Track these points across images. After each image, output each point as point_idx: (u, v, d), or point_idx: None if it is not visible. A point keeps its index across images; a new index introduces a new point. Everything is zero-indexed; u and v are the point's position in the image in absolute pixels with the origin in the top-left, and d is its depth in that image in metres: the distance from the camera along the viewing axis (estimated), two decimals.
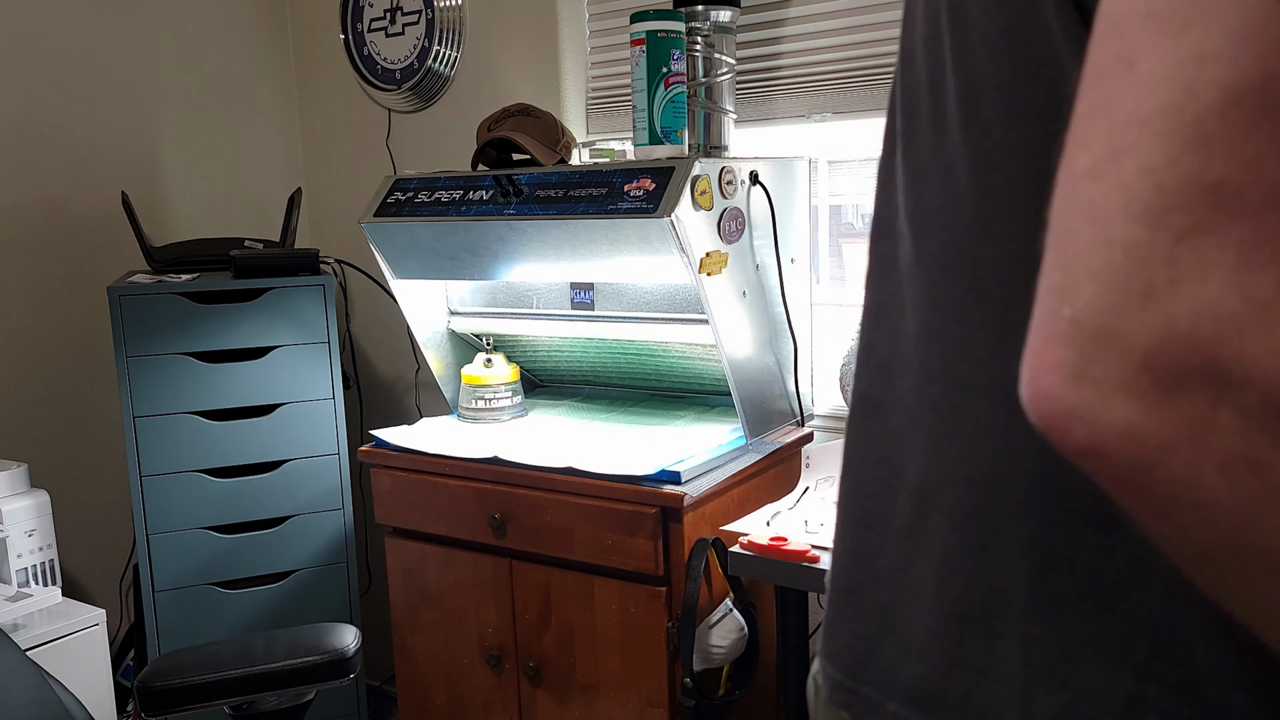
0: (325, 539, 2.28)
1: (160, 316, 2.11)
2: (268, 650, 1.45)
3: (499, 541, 1.84)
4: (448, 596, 1.95)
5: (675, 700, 1.70)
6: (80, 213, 2.41)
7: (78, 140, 2.40)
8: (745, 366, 1.82)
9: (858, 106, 1.94)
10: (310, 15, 2.74)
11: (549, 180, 1.84)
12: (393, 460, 1.97)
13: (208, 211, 2.66)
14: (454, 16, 2.44)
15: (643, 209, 1.66)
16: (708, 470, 1.73)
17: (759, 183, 1.84)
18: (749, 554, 1.53)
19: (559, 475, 1.75)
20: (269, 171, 2.78)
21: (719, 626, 1.69)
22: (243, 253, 2.22)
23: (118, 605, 2.49)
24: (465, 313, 2.23)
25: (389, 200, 2.04)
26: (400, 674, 2.07)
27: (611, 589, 1.73)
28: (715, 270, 1.71)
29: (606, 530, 1.70)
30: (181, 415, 2.14)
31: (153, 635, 2.17)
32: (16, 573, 2.04)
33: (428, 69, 2.49)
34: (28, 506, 2.05)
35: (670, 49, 1.77)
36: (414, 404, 2.70)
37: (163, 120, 2.56)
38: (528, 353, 2.31)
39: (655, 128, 1.79)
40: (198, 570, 2.18)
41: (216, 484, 2.18)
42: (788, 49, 2.01)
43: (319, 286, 2.23)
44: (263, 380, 2.20)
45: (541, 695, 1.86)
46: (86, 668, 2.03)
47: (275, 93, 2.79)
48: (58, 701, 1.37)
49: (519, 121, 1.98)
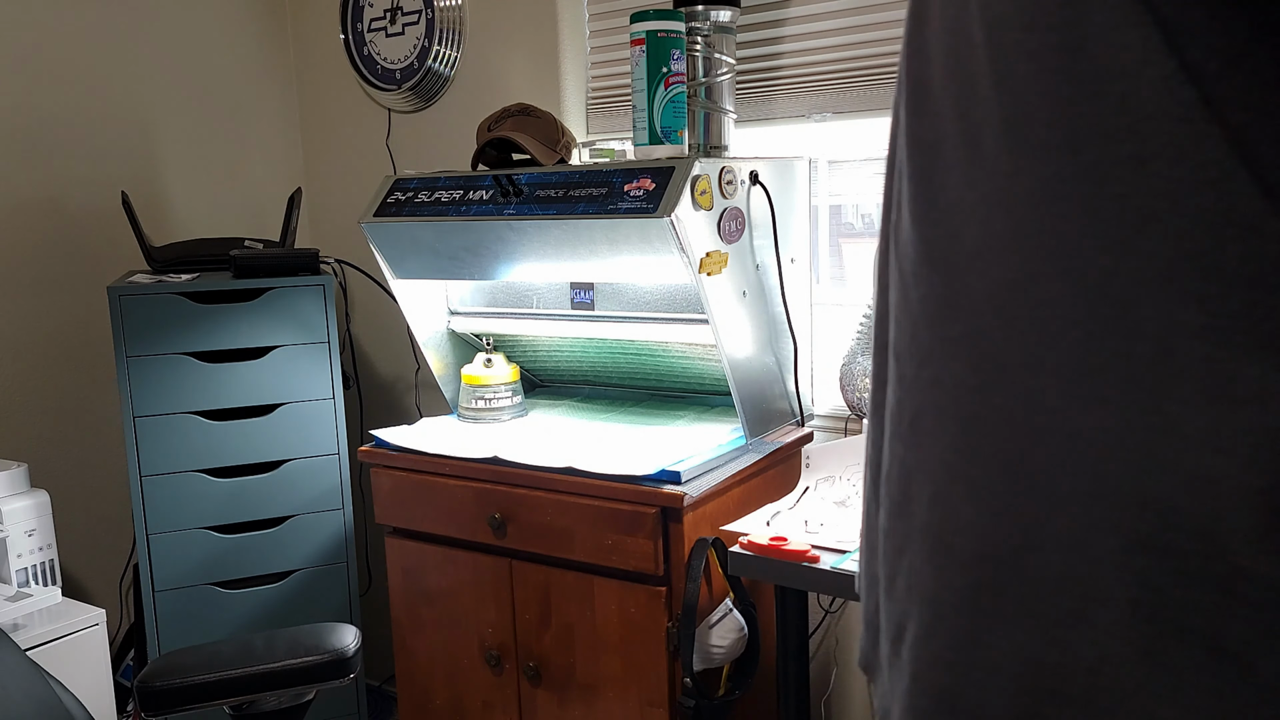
0: (325, 539, 2.28)
1: (160, 316, 2.11)
2: (268, 650, 1.45)
3: (499, 541, 1.84)
4: (448, 596, 1.95)
5: (675, 700, 1.70)
6: (80, 213, 2.41)
7: (78, 140, 2.40)
8: (745, 366, 1.82)
9: (858, 106, 1.94)
10: (310, 15, 2.74)
11: (549, 180, 1.84)
12: (393, 460, 1.97)
13: (208, 211, 2.66)
14: (454, 16, 2.44)
15: (643, 209, 1.66)
16: (708, 470, 1.73)
17: (759, 183, 1.84)
18: (749, 554, 1.53)
19: (559, 475, 1.75)
20: (269, 171, 2.78)
21: (719, 626, 1.69)
22: (243, 253, 2.23)
23: (118, 605, 2.49)
24: (465, 313, 2.23)
25: (389, 200, 2.04)
26: (400, 674, 2.07)
27: (611, 589, 1.73)
28: (715, 270, 1.71)
29: (606, 530, 1.70)
30: (181, 415, 2.14)
31: (153, 635, 2.17)
32: (16, 573, 2.04)
33: (428, 69, 2.49)
34: (28, 506, 2.05)
35: (670, 49, 1.77)
36: (414, 404, 2.70)
37: (163, 120, 2.56)
38: (528, 353, 2.31)
39: (655, 128, 1.79)
40: (198, 570, 2.18)
41: (216, 484, 2.18)
42: (788, 49, 2.01)
43: (319, 286, 2.23)
44: (263, 380, 2.20)
45: (541, 695, 1.86)
46: (86, 668, 2.03)
47: (275, 93, 2.79)
48: (58, 701, 1.37)
49: (519, 121, 1.98)
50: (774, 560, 1.50)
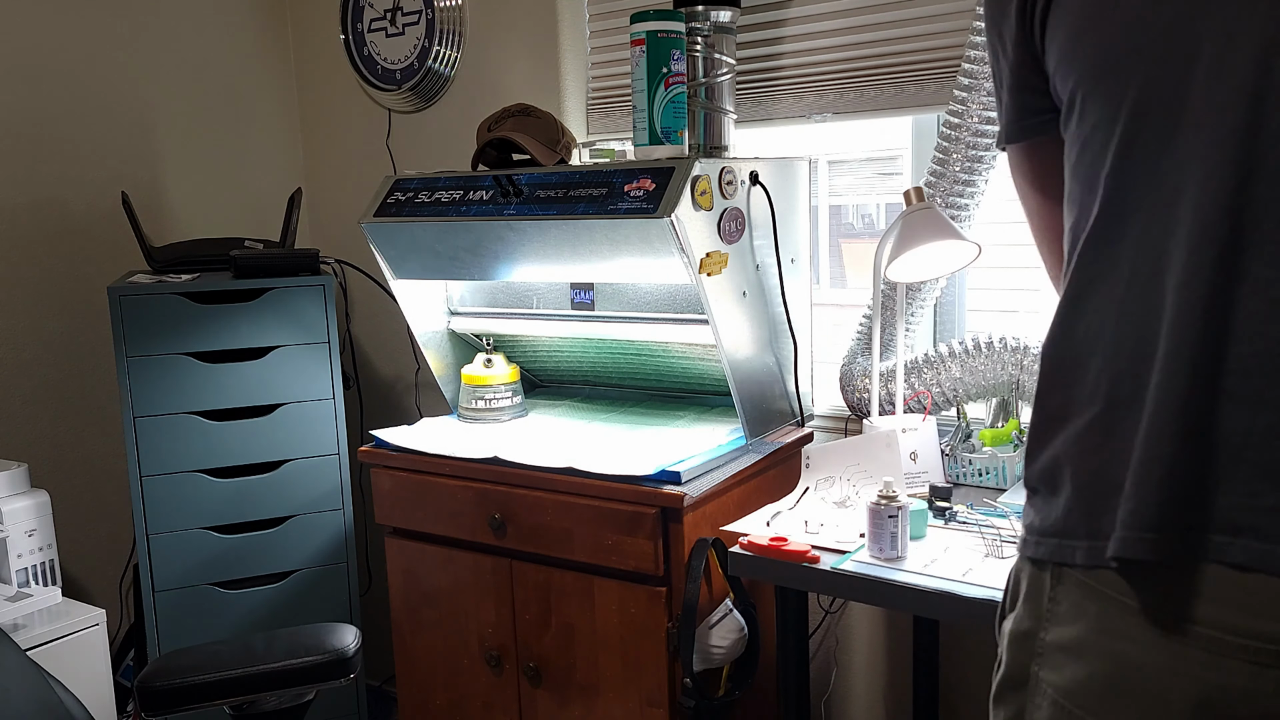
0: (325, 539, 2.28)
1: (160, 316, 2.11)
2: (268, 650, 1.45)
3: (499, 541, 1.84)
4: (448, 596, 1.95)
5: (675, 700, 1.70)
6: (80, 213, 2.41)
7: (78, 140, 2.40)
8: (745, 366, 1.82)
9: (858, 107, 1.94)
10: (310, 15, 2.74)
11: (549, 180, 1.83)
12: (393, 460, 1.97)
13: (208, 211, 2.66)
14: (454, 16, 2.44)
15: (643, 209, 1.66)
16: (708, 470, 1.73)
17: (759, 183, 1.84)
18: (749, 554, 1.53)
19: (559, 475, 1.75)
20: (269, 171, 2.78)
21: (719, 626, 1.69)
22: (243, 253, 2.22)
23: (118, 605, 2.49)
24: (465, 313, 2.23)
25: (389, 200, 2.04)
26: (400, 674, 2.07)
27: (611, 589, 1.73)
28: (715, 270, 1.71)
29: (606, 530, 1.70)
30: (181, 415, 2.14)
31: (153, 635, 2.17)
32: (16, 573, 2.04)
33: (428, 69, 2.49)
34: (28, 506, 2.05)
35: (670, 49, 1.77)
36: (414, 404, 2.70)
37: (163, 120, 2.56)
38: (528, 353, 2.31)
39: (655, 128, 1.79)
40: (198, 570, 2.18)
41: (216, 484, 2.18)
42: (788, 49, 2.01)
43: (319, 286, 2.23)
44: (263, 380, 2.20)
45: (541, 695, 1.86)
46: (86, 668, 2.03)
47: (275, 93, 2.79)
48: (58, 701, 1.37)
49: (519, 121, 1.98)
50: (774, 560, 1.50)
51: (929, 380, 1.83)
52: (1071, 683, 0.80)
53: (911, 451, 1.74)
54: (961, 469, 1.77)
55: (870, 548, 1.46)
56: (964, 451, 1.77)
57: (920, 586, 1.36)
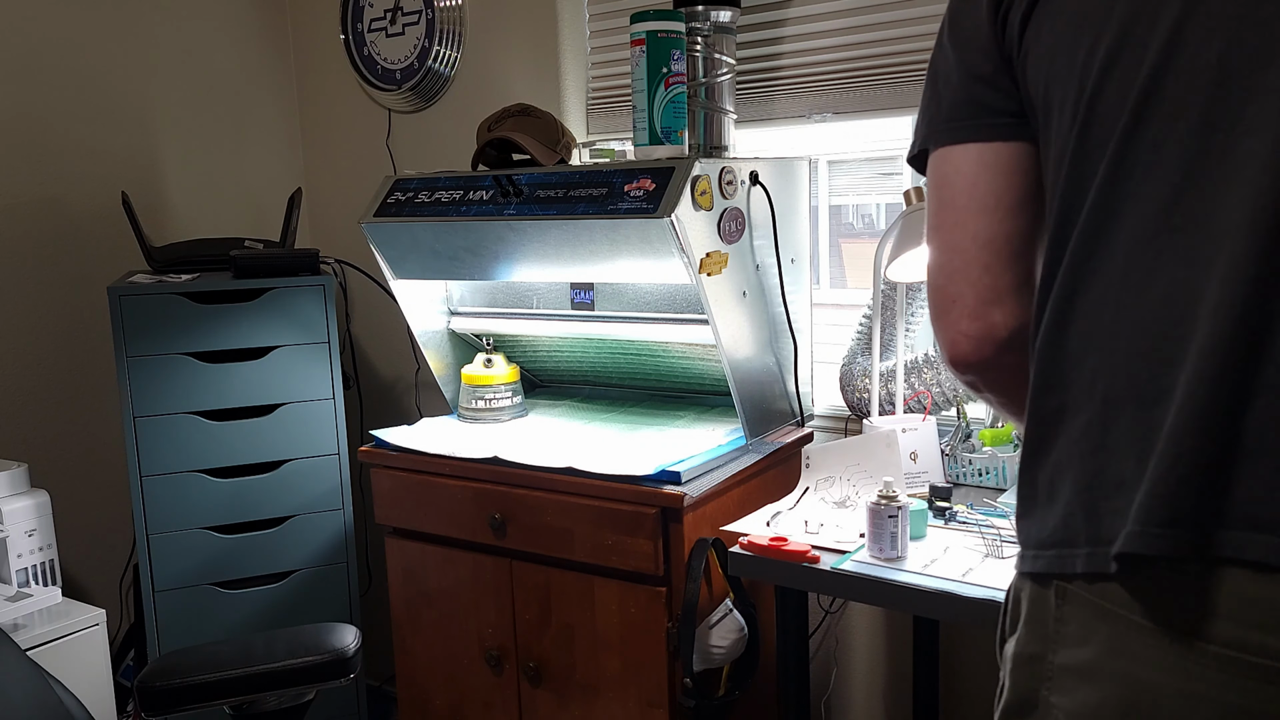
0: (325, 539, 2.28)
1: (160, 316, 2.11)
2: (268, 650, 1.45)
3: (499, 542, 1.84)
4: (448, 596, 1.95)
5: (675, 700, 1.70)
6: (80, 213, 2.41)
7: (78, 140, 2.40)
8: (745, 366, 1.82)
9: (858, 107, 1.94)
10: (310, 15, 2.74)
11: (549, 180, 1.83)
12: (393, 460, 1.97)
13: (208, 211, 2.66)
14: (454, 16, 2.44)
15: (643, 209, 1.66)
16: (708, 470, 1.73)
17: (759, 183, 1.84)
18: (749, 554, 1.53)
19: (559, 475, 1.75)
20: (269, 171, 2.78)
21: (719, 626, 1.69)
22: (243, 253, 2.22)
23: (118, 605, 2.49)
24: (465, 313, 2.23)
25: (389, 200, 2.04)
26: (400, 674, 2.07)
27: (611, 589, 1.73)
28: (715, 270, 1.71)
29: (606, 530, 1.70)
30: (181, 415, 2.14)
31: (153, 635, 2.17)
32: (16, 573, 2.04)
33: (428, 69, 2.49)
34: (28, 506, 2.05)
35: (670, 49, 1.77)
36: (414, 404, 2.70)
37: (163, 120, 2.56)
38: (528, 353, 2.31)
39: (655, 128, 1.79)
40: (198, 570, 2.18)
41: (216, 484, 2.18)
42: (788, 49, 2.01)
43: (319, 286, 2.23)
44: (263, 380, 2.20)
45: (541, 695, 1.86)
46: (86, 668, 2.03)
47: (275, 93, 2.79)
48: (58, 702, 1.37)
49: (519, 121, 1.98)
50: (774, 560, 1.50)
51: (929, 380, 1.83)
52: (1083, 707, 0.78)
53: (911, 451, 1.74)
54: (961, 469, 1.78)
55: (870, 548, 1.46)
56: (964, 451, 1.77)
57: (920, 586, 1.36)
